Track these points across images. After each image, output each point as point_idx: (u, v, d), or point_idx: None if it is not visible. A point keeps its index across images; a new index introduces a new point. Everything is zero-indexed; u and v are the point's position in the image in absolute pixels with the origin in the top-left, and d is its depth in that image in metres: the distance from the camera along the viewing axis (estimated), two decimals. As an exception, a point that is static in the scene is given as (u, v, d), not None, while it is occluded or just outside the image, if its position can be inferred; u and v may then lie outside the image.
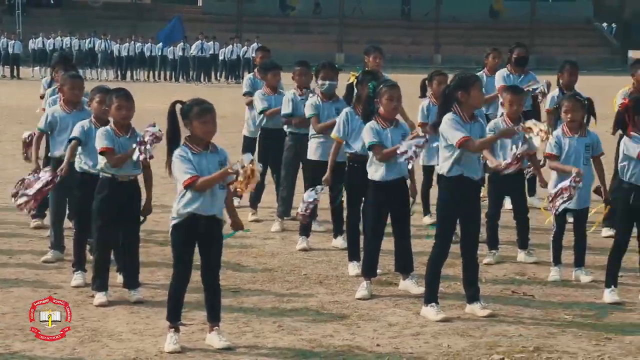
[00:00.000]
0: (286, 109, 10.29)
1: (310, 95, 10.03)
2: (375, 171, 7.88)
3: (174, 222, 6.58)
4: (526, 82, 11.31)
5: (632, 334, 6.93)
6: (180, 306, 6.65)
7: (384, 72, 11.04)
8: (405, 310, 7.55)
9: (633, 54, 47.50)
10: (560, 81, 10.97)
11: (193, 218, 6.49)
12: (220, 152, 6.58)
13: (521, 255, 9.27)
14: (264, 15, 55.53)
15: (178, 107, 6.57)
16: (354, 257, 8.67)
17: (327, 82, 9.59)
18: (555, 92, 10.98)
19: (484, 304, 7.43)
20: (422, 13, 57.73)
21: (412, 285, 8.02)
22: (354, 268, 8.61)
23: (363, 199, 8.35)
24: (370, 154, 7.90)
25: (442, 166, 7.32)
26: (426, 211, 10.81)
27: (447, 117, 7.22)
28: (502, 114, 9.19)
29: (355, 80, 8.81)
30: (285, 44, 48.23)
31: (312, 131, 9.74)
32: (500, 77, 11.48)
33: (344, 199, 9.04)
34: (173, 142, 6.57)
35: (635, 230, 7.98)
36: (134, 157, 7.36)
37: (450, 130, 7.18)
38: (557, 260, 8.63)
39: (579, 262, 8.59)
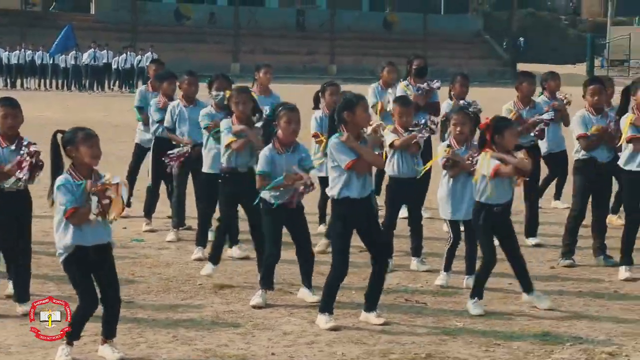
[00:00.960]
0: (166, 121, 10.45)
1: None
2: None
3: (62, 257, 6.46)
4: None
5: (519, 339, 7.10)
6: (83, 327, 6.54)
7: (279, 83, 11.20)
8: (300, 319, 7.59)
9: (521, 67, 48.65)
10: (452, 92, 11.27)
11: (80, 249, 6.39)
12: (102, 178, 6.44)
13: (414, 264, 9.42)
14: (159, 25, 55.04)
15: (59, 136, 6.47)
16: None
17: (220, 93, 9.60)
18: (447, 103, 11.28)
19: (379, 312, 7.52)
20: (317, 24, 58.10)
21: (307, 294, 8.07)
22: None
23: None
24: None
25: (332, 188, 7.40)
26: (321, 220, 10.89)
27: (334, 140, 7.31)
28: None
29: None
30: (180, 54, 47.91)
31: (205, 142, 9.71)
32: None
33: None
34: (57, 173, 6.46)
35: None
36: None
37: (337, 153, 7.28)
38: (447, 268, 8.81)
39: (470, 270, 8.77)
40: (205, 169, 9.58)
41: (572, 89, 10.84)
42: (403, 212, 9.89)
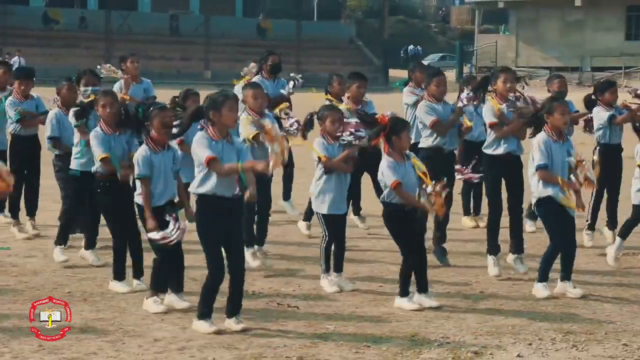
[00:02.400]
0: (52, 131, 10.15)
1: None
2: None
3: None
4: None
5: (388, 341, 7.21)
6: None
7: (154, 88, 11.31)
8: (172, 325, 7.53)
9: (393, 73, 49.48)
10: (347, 95, 11.28)
11: None
12: None
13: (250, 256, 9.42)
14: (26, 29, 53.74)
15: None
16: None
17: (89, 89, 9.49)
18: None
19: (239, 318, 7.48)
20: (191, 29, 57.76)
21: (177, 300, 8.01)
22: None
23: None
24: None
25: (194, 184, 7.37)
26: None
27: (198, 136, 7.31)
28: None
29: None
30: (49, 59, 46.95)
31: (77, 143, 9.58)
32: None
33: None
34: None
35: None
36: None
37: (198, 149, 7.27)
38: (328, 269, 8.89)
39: (338, 269, 8.87)
40: (74, 166, 9.47)
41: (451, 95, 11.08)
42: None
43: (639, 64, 56.72)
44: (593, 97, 10.91)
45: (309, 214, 11.01)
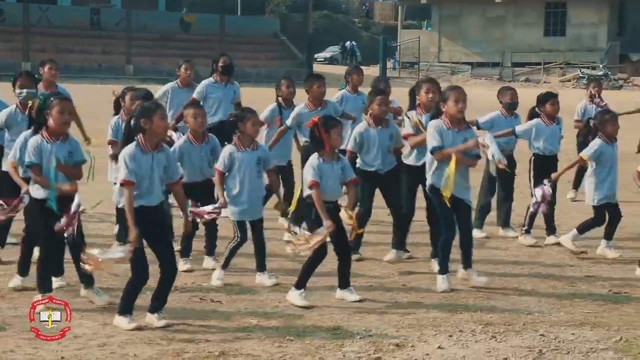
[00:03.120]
0: None
1: None
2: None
3: None
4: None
5: (312, 334, 7.24)
6: None
7: (73, 83, 11.05)
8: (92, 321, 7.45)
9: (317, 69, 49.56)
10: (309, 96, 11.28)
11: None
12: None
13: (208, 262, 9.43)
14: (-58, 22, 52.56)
15: None
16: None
17: (24, 91, 9.35)
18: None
19: (161, 314, 7.42)
20: (113, 22, 57.00)
21: (94, 296, 7.95)
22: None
23: None
24: None
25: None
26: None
27: (125, 150, 7.29)
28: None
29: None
30: (-35, 52, 45.95)
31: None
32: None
33: None
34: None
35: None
36: None
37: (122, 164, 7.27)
38: (226, 266, 8.95)
39: (261, 267, 8.89)
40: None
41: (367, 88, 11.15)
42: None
43: (557, 60, 57.76)
44: (536, 109, 11.05)
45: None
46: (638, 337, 7.18)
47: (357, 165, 9.73)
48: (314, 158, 8.20)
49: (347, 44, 68.88)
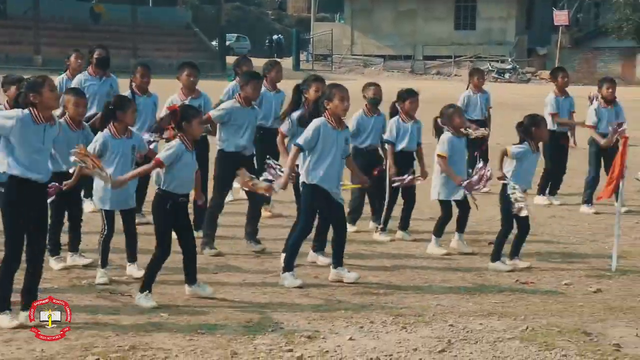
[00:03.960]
0: None
1: None
2: None
3: None
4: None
5: (223, 328, 7.20)
6: None
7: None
8: (-2, 317, 7.30)
9: (230, 60, 49.32)
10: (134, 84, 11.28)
11: None
12: None
13: (71, 259, 9.25)
14: None
15: None
16: None
17: None
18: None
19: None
20: (20, 11, 55.87)
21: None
22: None
23: None
24: None
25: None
26: None
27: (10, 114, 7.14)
28: None
29: None
30: None
31: None
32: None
33: None
34: None
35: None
36: None
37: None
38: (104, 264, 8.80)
39: (131, 258, 8.89)
40: None
41: (288, 82, 11.15)
42: None
43: (467, 53, 58.53)
44: (396, 105, 11.01)
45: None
46: (543, 326, 7.34)
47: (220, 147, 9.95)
48: (177, 142, 8.06)
49: (274, 37, 68.74)
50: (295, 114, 9.68)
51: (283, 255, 9.11)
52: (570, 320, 7.57)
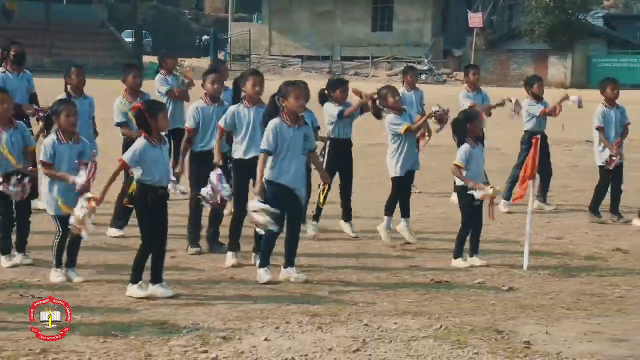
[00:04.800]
0: None
1: None
2: None
3: None
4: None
5: (137, 329, 7.14)
6: None
7: None
8: None
9: (147, 60, 48.88)
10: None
11: None
12: None
13: (17, 258, 9.22)
14: None
15: None
16: None
17: None
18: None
19: None
20: None
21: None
22: None
23: None
24: None
25: None
26: None
27: None
28: None
29: None
30: None
31: None
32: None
33: None
34: None
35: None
36: None
37: None
38: (59, 264, 8.73)
39: (71, 263, 8.77)
40: None
41: (199, 81, 11.10)
42: None
43: (384, 54, 58.97)
44: (325, 91, 11.12)
45: None
46: (456, 324, 7.43)
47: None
48: (140, 141, 8.15)
49: (204, 37, 68.24)
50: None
51: (254, 254, 9.38)
52: (483, 318, 7.68)
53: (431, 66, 56.52)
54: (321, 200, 10.75)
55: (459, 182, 9.89)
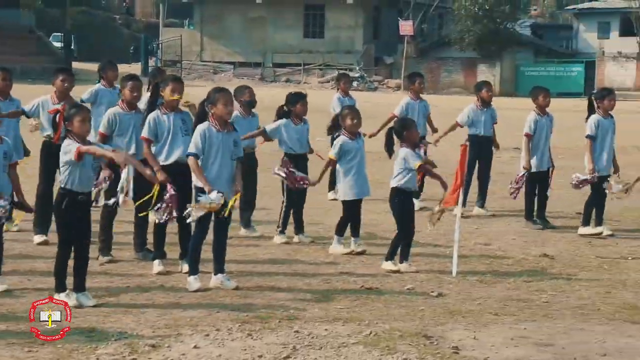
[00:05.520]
0: None
1: None
2: None
3: None
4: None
5: (64, 338, 7.02)
6: None
7: None
8: None
9: (76, 65, 48.34)
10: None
11: None
12: None
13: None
14: None
15: None
16: None
17: None
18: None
19: None
20: None
21: None
22: None
23: None
24: None
25: None
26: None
27: None
28: None
29: None
30: None
31: None
32: None
33: None
34: None
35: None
36: None
37: None
38: None
39: None
40: None
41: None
42: None
43: (316, 61, 59.14)
44: (285, 108, 11.18)
45: None
46: (386, 330, 7.48)
47: None
48: (67, 141, 8.16)
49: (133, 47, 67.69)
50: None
51: (181, 262, 9.44)
52: (412, 324, 7.74)
53: (363, 73, 56.83)
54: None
55: (393, 184, 9.91)
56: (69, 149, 8.05)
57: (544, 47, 62.09)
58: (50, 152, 10.42)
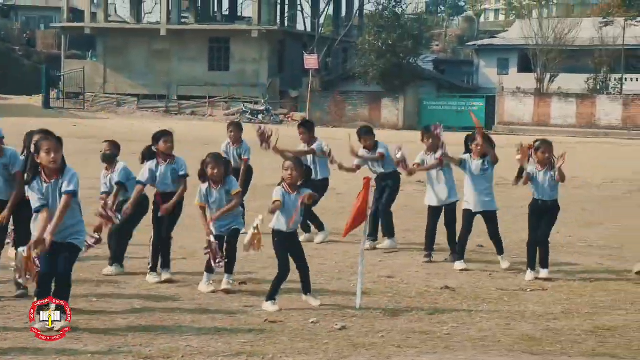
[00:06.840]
0: None
1: None
2: None
3: None
4: None
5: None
6: None
7: None
8: None
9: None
10: None
11: None
12: None
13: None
14: None
15: None
16: None
17: None
18: None
19: None
20: None
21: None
22: None
23: None
24: None
25: None
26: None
27: None
28: None
29: None
30: None
31: None
32: None
33: None
34: None
35: None
36: None
37: None
38: None
39: None
40: None
41: (28, 119, 10.84)
42: None
43: (222, 94, 59.13)
44: (153, 148, 10.97)
45: None
46: (290, 364, 7.48)
47: None
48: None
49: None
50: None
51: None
52: (316, 357, 7.76)
53: (268, 106, 57.02)
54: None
55: (271, 225, 9.74)
56: None
57: (446, 82, 63.32)
58: None
